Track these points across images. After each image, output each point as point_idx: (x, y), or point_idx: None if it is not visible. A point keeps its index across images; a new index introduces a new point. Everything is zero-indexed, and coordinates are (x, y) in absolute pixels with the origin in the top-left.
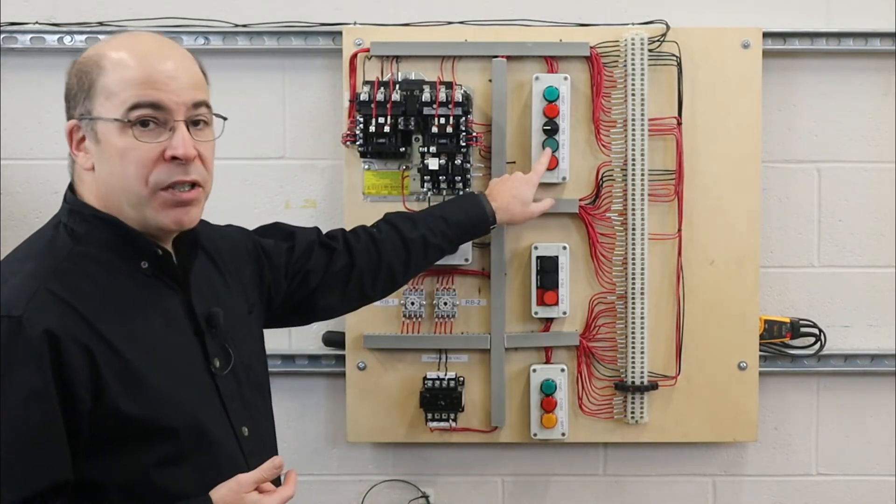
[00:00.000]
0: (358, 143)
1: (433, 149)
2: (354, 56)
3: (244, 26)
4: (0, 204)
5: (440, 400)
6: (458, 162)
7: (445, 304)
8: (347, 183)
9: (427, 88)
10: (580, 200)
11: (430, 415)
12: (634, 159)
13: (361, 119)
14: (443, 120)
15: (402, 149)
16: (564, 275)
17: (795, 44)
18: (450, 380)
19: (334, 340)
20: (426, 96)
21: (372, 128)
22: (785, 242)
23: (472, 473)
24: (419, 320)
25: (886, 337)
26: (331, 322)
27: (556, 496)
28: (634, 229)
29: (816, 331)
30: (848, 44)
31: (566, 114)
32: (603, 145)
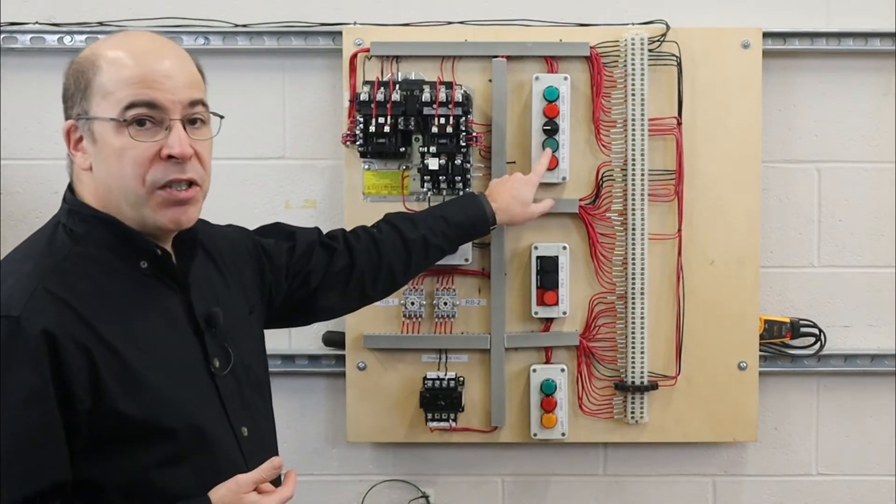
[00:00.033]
0: (358, 143)
1: (433, 149)
2: (354, 56)
3: (244, 26)
4: (0, 204)
5: (440, 400)
6: (458, 162)
7: (445, 304)
8: (347, 183)
9: (427, 88)
10: (580, 200)
11: (430, 415)
12: (634, 159)
13: (361, 119)
14: (443, 120)
15: (402, 149)
16: (564, 275)
17: (795, 44)
18: (450, 380)
19: (334, 340)
20: (426, 96)
21: (372, 128)
22: (785, 242)
23: (472, 473)
24: (419, 320)
25: (886, 337)
26: (331, 322)
27: (556, 496)
28: (634, 229)
29: (816, 331)
30: (848, 44)
31: (566, 114)
32: (603, 145)
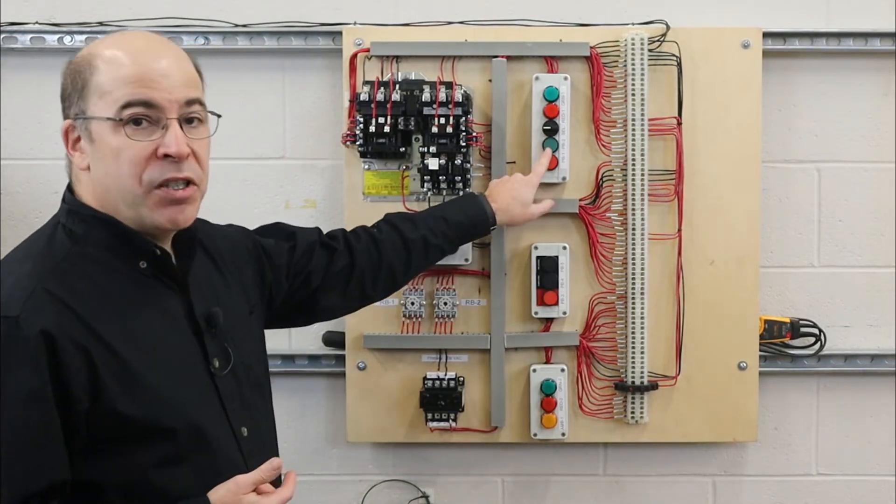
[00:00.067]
0: (358, 143)
1: (433, 149)
2: (354, 56)
3: (244, 26)
4: (0, 204)
5: (440, 400)
6: (458, 162)
7: (445, 304)
8: (347, 183)
9: (427, 88)
10: (580, 200)
11: (430, 415)
12: (634, 159)
13: (361, 119)
14: (443, 120)
15: (402, 149)
16: (564, 275)
17: (795, 44)
18: (450, 380)
19: (334, 340)
20: (426, 96)
21: (372, 128)
22: (785, 242)
23: (472, 473)
24: (419, 320)
25: (886, 337)
26: (331, 322)
27: (556, 496)
28: (634, 229)
29: (816, 331)
30: (848, 44)
31: (566, 114)
32: (603, 145)
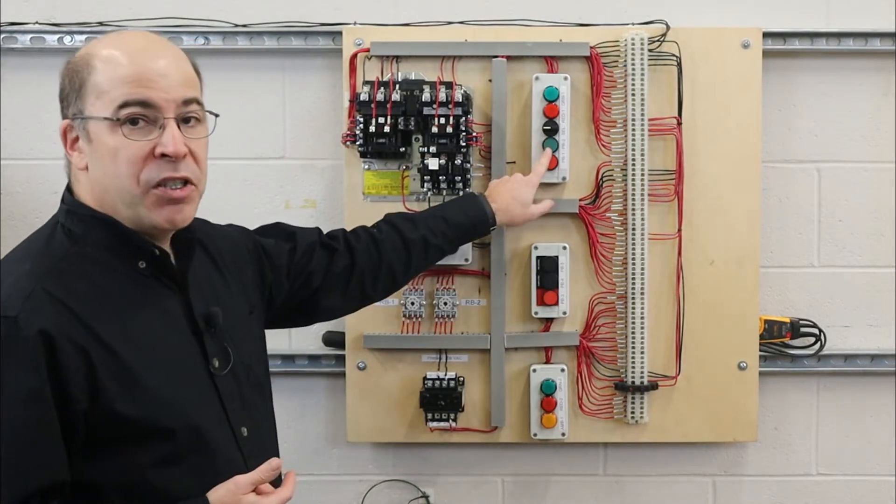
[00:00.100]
0: (358, 143)
1: (433, 149)
2: (354, 56)
3: (244, 26)
4: (0, 204)
5: (440, 400)
6: (458, 162)
7: (445, 304)
8: (347, 183)
9: (427, 88)
10: (580, 200)
11: (430, 415)
12: (634, 159)
13: (361, 119)
14: (443, 120)
15: (402, 149)
16: (564, 275)
17: (795, 44)
18: (450, 380)
19: (334, 340)
20: (426, 96)
21: (372, 128)
22: (785, 242)
23: (472, 473)
24: (419, 320)
25: (886, 337)
26: (331, 322)
27: (556, 496)
28: (634, 229)
29: (816, 331)
30: (848, 44)
31: (566, 114)
32: (603, 145)
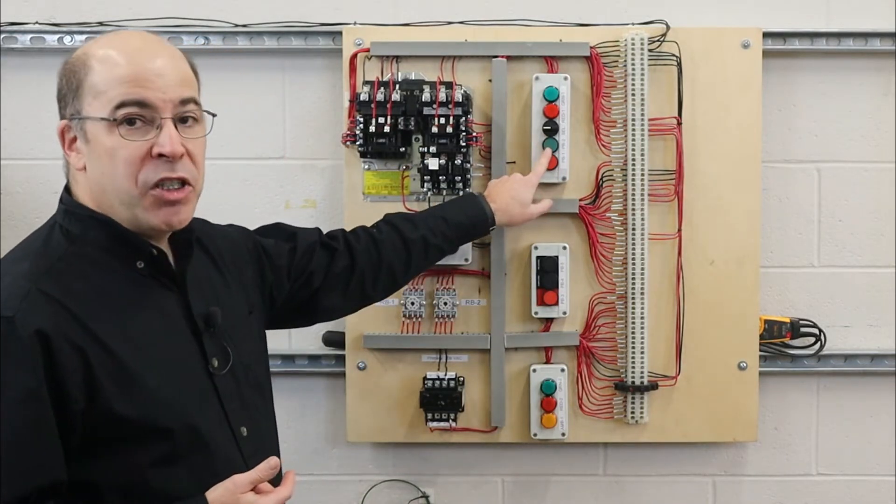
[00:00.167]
0: (358, 143)
1: (433, 149)
2: (354, 56)
3: (244, 26)
4: (0, 204)
5: (440, 400)
6: (458, 162)
7: (445, 304)
8: (347, 183)
9: (427, 88)
10: (580, 200)
11: (430, 415)
12: (634, 159)
13: (361, 119)
14: (443, 120)
15: (402, 149)
16: (564, 275)
17: (795, 44)
18: (450, 380)
19: (334, 340)
20: (426, 96)
21: (372, 128)
22: (785, 242)
23: (472, 473)
24: (419, 320)
25: (886, 337)
26: (331, 322)
27: (556, 496)
28: (634, 229)
29: (816, 331)
30: (848, 44)
31: (566, 114)
32: (603, 145)
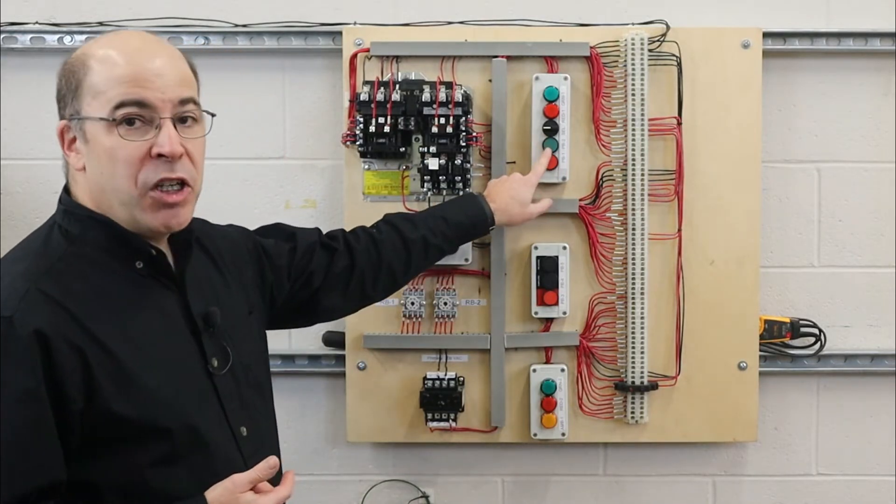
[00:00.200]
0: (358, 143)
1: (433, 149)
2: (354, 56)
3: (244, 26)
4: (0, 204)
5: (440, 400)
6: (458, 162)
7: (445, 304)
8: (347, 183)
9: (427, 88)
10: (580, 200)
11: (430, 415)
12: (634, 159)
13: (361, 119)
14: (443, 120)
15: (402, 149)
16: (564, 275)
17: (795, 44)
18: (450, 380)
19: (334, 340)
20: (426, 96)
21: (372, 128)
22: (785, 242)
23: (472, 473)
24: (419, 320)
25: (886, 337)
26: (331, 322)
27: (556, 496)
28: (634, 229)
29: (816, 331)
30: (848, 44)
31: (566, 114)
32: (603, 145)
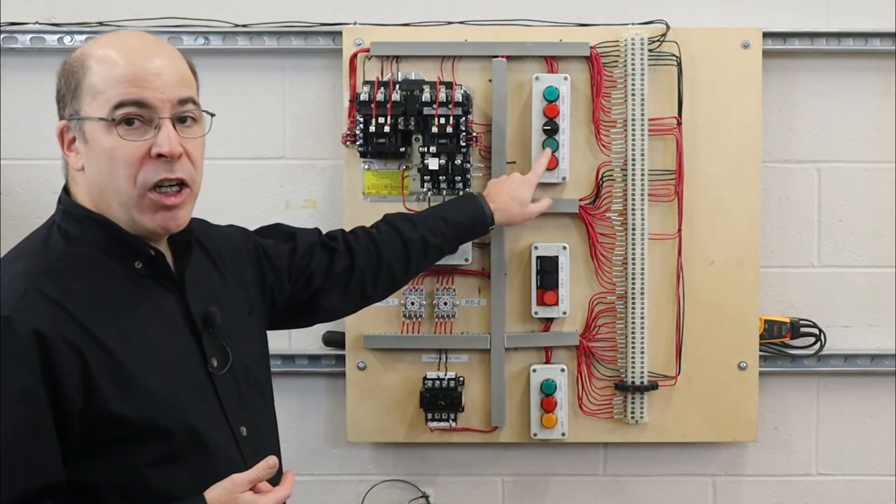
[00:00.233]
0: (358, 143)
1: (433, 149)
2: (354, 56)
3: (244, 26)
4: (0, 204)
5: (440, 400)
6: (458, 162)
7: (445, 304)
8: (347, 183)
9: (427, 88)
10: (580, 200)
11: (430, 415)
12: (634, 159)
13: (361, 119)
14: (443, 120)
15: (402, 149)
16: (564, 275)
17: (795, 44)
18: (450, 380)
19: (334, 340)
20: (426, 96)
21: (372, 128)
22: (785, 242)
23: (472, 473)
24: (419, 320)
25: (886, 337)
26: (331, 322)
27: (556, 496)
28: (634, 229)
29: (816, 331)
30: (848, 44)
31: (566, 114)
32: (603, 145)
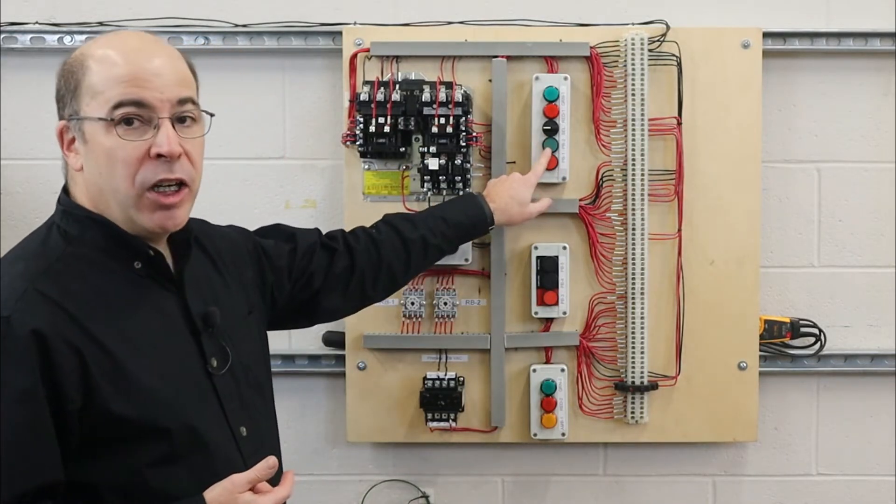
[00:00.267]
0: (358, 143)
1: (433, 149)
2: (354, 56)
3: (244, 26)
4: (0, 204)
5: (440, 400)
6: (458, 162)
7: (445, 304)
8: (347, 183)
9: (427, 88)
10: (580, 200)
11: (430, 415)
12: (634, 159)
13: (361, 119)
14: (443, 120)
15: (402, 149)
16: (564, 275)
17: (795, 44)
18: (450, 380)
19: (334, 340)
20: (426, 96)
21: (372, 128)
22: (785, 242)
23: (472, 473)
24: (419, 320)
25: (886, 337)
26: (331, 322)
27: (556, 496)
28: (634, 229)
29: (816, 331)
30: (848, 44)
31: (566, 114)
32: (603, 145)
